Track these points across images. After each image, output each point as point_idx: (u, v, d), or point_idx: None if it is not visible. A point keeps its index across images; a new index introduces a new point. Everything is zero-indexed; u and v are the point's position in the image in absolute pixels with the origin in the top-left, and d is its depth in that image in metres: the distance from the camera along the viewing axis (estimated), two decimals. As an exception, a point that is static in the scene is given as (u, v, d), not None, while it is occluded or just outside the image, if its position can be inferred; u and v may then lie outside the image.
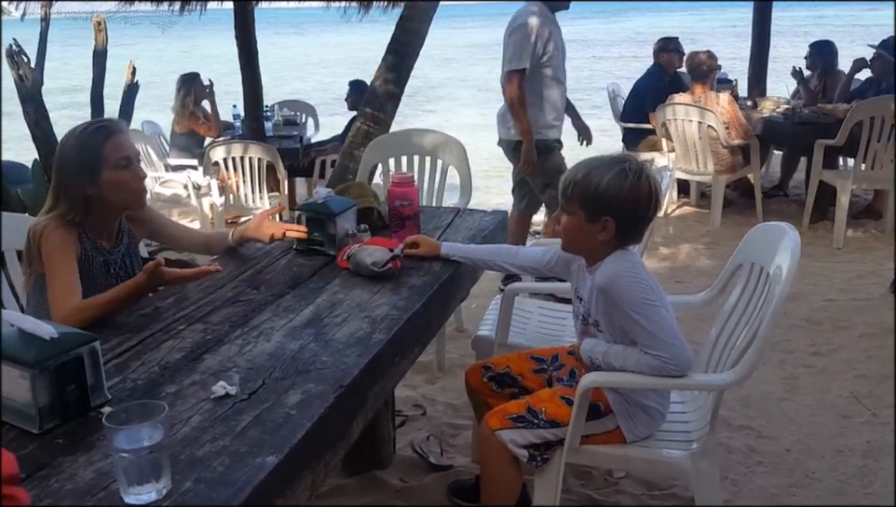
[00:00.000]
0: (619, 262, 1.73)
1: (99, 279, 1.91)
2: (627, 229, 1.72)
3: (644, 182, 1.68)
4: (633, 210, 1.70)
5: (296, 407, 1.32)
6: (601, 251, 1.75)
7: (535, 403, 1.81)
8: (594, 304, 1.79)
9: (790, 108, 5.24)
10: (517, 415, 1.80)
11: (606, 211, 1.69)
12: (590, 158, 1.74)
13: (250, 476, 1.12)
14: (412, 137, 3.53)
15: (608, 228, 1.70)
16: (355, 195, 2.37)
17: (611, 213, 1.69)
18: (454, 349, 3.34)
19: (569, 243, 1.81)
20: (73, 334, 1.31)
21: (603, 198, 1.68)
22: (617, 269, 1.72)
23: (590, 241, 1.74)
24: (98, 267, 1.92)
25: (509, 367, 2.03)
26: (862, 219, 5.12)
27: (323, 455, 1.33)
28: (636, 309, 1.67)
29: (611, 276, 1.71)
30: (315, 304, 1.81)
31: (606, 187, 1.67)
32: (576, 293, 1.90)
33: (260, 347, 1.58)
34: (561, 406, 1.79)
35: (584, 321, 1.85)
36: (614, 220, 1.69)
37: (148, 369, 1.49)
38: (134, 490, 1.05)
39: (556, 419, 1.78)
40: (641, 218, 1.72)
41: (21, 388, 1.23)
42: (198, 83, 5.62)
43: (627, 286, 1.69)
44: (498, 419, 1.80)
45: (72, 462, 1.16)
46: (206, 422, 1.28)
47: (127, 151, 1.88)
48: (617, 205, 1.68)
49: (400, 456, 2.50)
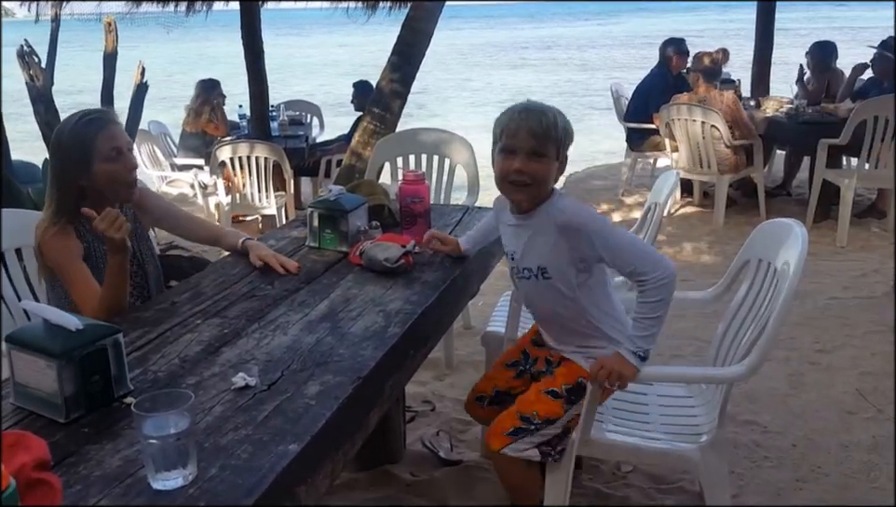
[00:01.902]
0: (565, 198, 1.77)
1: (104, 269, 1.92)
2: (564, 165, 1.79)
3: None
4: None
5: (315, 398, 1.35)
6: (547, 192, 1.76)
7: (524, 408, 1.81)
8: (540, 249, 1.76)
9: (793, 108, 5.26)
10: (513, 428, 1.79)
11: (565, 148, 1.74)
12: (523, 104, 1.75)
13: (273, 463, 1.15)
14: (419, 136, 3.56)
15: (563, 166, 1.75)
16: (366, 192, 2.40)
17: (566, 150, 1.74)
18: (462, 346, 3.37)
19: (538, 189, 1.74)
20: (97, 326, 1.34)
21: (565, 135, 1.72)
22: (573, 204, 1.75)
23: (549, 183, 1.75)
24: (102, 257, 1.92)
25: (497, 385, 2.04)
26: (866, 218, 5.14)
27: (342, 444, 1.36)
28: (612, 236, 1.69)
29: (571, 211, 1.72)
30: (329, 299, 1.84)
31: (565, 124, 1.72)
32: (509, 253, 1.87)
33: (277, 340, 1.60)
34: (549, 402, 1.80)
35: (524, 276, 1.82)
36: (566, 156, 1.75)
37: (168, 362, 1.52)
38: (161, 476, 1.08)
39: (550, 417, 1.79)
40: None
41: (48, 378, 1.25)
42: (218, 91, 5.66)
43: (591, 216, 1.73)
44: (498, 439, 1.80)
45: (98, 450, 1.19)
46: (228, 412, 1.30)
47: (117, 142, 1.90)
48: (568, 142, 1.74)
49: (410, 450, 2.53)
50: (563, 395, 1.81)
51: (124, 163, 1.90)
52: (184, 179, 5.57)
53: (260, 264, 2.02)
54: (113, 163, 1.88)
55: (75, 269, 1.81)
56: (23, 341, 1.28)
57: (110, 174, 1.88)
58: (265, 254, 2.03)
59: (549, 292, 1.80)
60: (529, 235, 1.78)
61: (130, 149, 1.97)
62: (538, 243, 1.76)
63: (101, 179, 1.88)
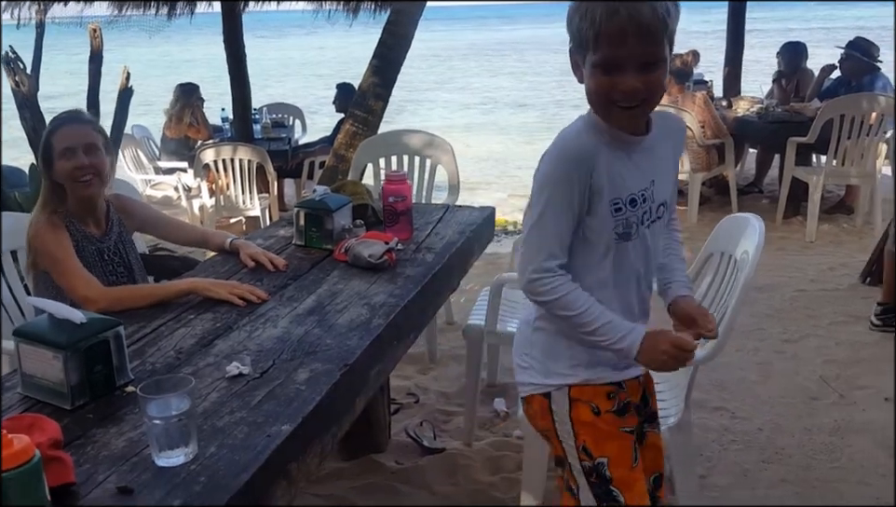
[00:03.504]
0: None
1: (94, 267, 2.02)
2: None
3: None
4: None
5: (305, 384, 1.45)
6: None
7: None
8: (670, 166, 1.42)
9: (763, 107, 5.42)
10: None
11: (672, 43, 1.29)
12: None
13: (267, 443, 1.25)
14: (401, 137, 3.66)
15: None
16: (350, 192, 2.49)
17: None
18: (444, 341, 3.47)
19: (656, 102, 1.32)
20: (99, 319, 1.42)
21: (678, 16, 1.27)
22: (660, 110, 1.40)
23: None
24: (91, 255, 2.03)
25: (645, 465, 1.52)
26: (834, 214, 5.32)
27: (331, 427, 1.45)
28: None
29: (671, 114, 1.49)
30: (316, 294, 1.93)
31: (675, 11, 1.26)
32: (635, 195, 1.34)
33: (267, 332, 1.69)
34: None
35: (656, 217, 1.38)
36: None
37: (164, 354, 1.60)
38: (165, 454, 1.17)
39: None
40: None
41: (54, 369, 1.34)
42: (197, 95, 5.72)
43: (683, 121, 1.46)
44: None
45: (104, 433, 1.28)
46: (223, 398, 1.40)
47: (70, 142, 1.98)
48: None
49: (395, 440, 2.62)
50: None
51: (73, 161, 1.98)
52: (168, 182, 5.62)
53: (252, 263, 2.10)
54: (64, 161, 1.98)
55: (70, 262, 1.90)
56: (30, 335, 1.36)
57: (63, 171, 1.99)
58: (255, 252, 2.12)
59: (657, 237, 1.43)
60: (656, 155, 1.37)
61: (90, 149, 2.00)
62: (667, 159, 1.41)
63: (59, 175, 1.99)
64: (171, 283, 1.92)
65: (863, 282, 3.95)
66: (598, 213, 1.32)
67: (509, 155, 9.49)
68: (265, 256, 2.12)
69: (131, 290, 1.92)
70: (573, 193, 1.29)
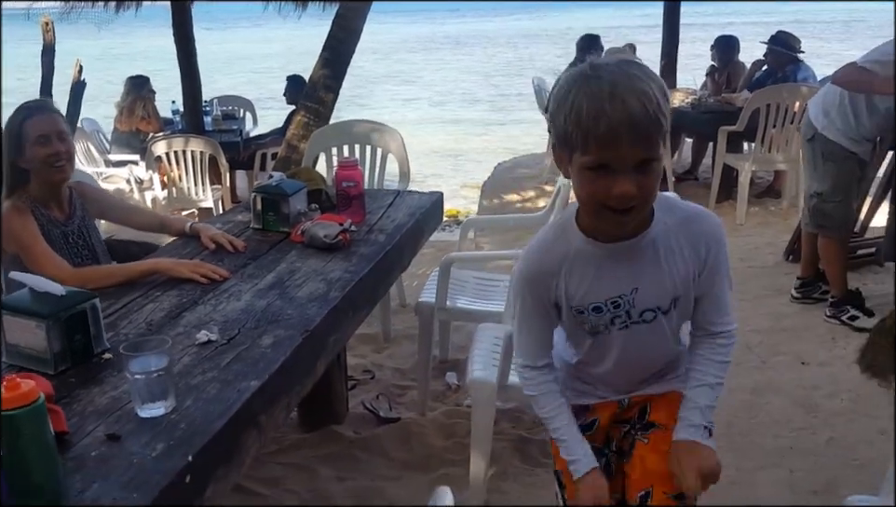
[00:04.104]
0: (672, 198, 1.35)
1: (60, 250, 2.12)
2: None
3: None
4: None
5: (270, 347, 1.59)
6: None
7: (668, 486, 1.39)
8: (673, 271, 1.29)
9: (697, 99, 5.72)
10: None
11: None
12: (608, 77, 1.12)
13: (238, 396, 1.39)
14: (352, 127, 3.80)
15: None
16: (304, 178, 2.63)
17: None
18: (398, 322, 3.63)
19: (649, 204, 1.22)
20: (77, 292, 1.55)
21: (669, 110, 1.16)
22: (692, 206, 1.33)
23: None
24: (57, 238, 2.13)
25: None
26: (763, 198, 5.66)
27: (294, 385, 1.61)
28: (726, 252, 1.33)
29: (694, 210, 1.32)
30: (276, 271, 2.07)
31: (665, 93, 1.16)
32: (600, 299, 1.31)
33: (232, 305, 1.83)
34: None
35: (640, 320, 1.32)
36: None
37: (136, 326, 1.73)
38: (147, 407, 1.31)
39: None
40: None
41: (38, 337, 1.46)
42: (148, 88, 5.73)
43: (716, 217, 1.33)
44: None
45: (87, 393, 1.41)
46: (195, 361, 1.53)
47: (44, 130, 2.08)
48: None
49: (352, 413, 2.78)
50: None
51: (48, 148, 2.08)
52: (120, 175, 5.61)
53: (212, 245, 2.22)
54: (39, 148, 2.08)
55: (38, 245, 1.99)
56: (14, 306, 1.48)
57: (37, 158, 2.08)
58: (215, 234, 2.25)
59: (670, 327, 1.35)
60: (646, 261, 1.28)
61: (62, 137, 2.12)
62: (669, 264, 1.29)
63: (31, 162, 2.09)
64: (136, 263, 2.03)
65: (787, 260, 4.25)
66: (563, 314, 1.36)
67: (460, 148, 9.67)
68: (225, 238, 2.25)
69: (98, 270, 2.03)
70: (538, 305, 1.35)
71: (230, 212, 2.86)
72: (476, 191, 6.82)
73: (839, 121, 3.19)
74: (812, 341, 3.29)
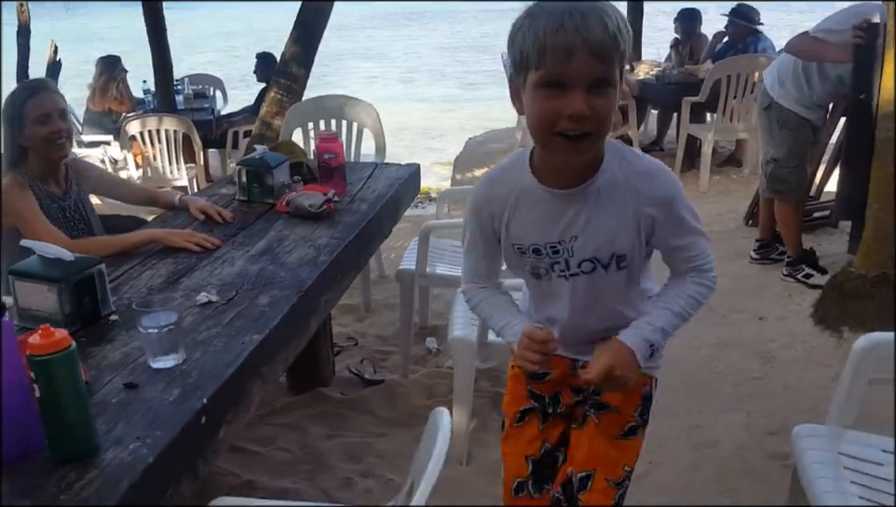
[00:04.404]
0: (631, 151, 1.29)
1: (58, 224, 2.19)
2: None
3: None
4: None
5: (268, 306, 1.71)
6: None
7: (611, 471, 1.39)
8: (613, 228, 1.26)
9: (661, 70, 5.88)
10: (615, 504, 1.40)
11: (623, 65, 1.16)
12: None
13: (242, 348, 1.51)
14: (327, 102, 3.89)
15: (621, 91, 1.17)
16: (286, 151, 2.72)
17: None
18: (378, 292, 3.76)
19: (602, 137, 1.18)
20: (84, 258, 1.64)
21: (630, 41, 1.15)
22: (640, 155, 1.29)
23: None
24: (54, 212, 2.20)
25: (529, 452, 1.47)
26: (725, 167, 5.87)
27: (291, 341, 1.73)
28: (686, 205, 1.28)
29: (652, 167, 1.26)
30: (266, 239, 2.18)
31: (627, 23, 1.14)
32: (540, 242, 1.29)
33: (227, 270, 1.94)
34: (633, 444, 1.42)
35: (578, 271, 1.30)
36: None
37: (137, 291, 1.83)
38: (159, 359, 1.42)
39: (636, 458, 1.44)
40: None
41: (50, 300, 1.56)
42: (120, 68, 5.72)
43: (673, 177, 1.28)
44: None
45: (101, 350, 1.52)
46: (198, 320, 1.65)
47: (44, 108, 2.14)
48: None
49: (339, 376, 2.91)
50: (640, 424, 1.42)
51: (49, 127, 2.15)
52: (94, 155, 5.59)
53: (201, 216, 2.32)
54: (39, 126, 2.14)
55: (37, 218, 2.07)
56: (26, 272, 1.57)
57: (38, 136, 2.15)
58: (203, 206, 2.34)
59: (612, 284, 1.31)
60: (589, 210, 1.25)
61: (62, 115, 2.19)
62: (609, 219, 1.25)
63: (31, 139, 2.15)
64: (132, 234, 2.12)
65: (746, 224, 4.46)
66: (506, 249, 1.35)
67: (430, 125, 9.74)
68: (213, 209, 2.34)
69: (95, 241, 2.11)
70: (481, 232, 1.35)
71: (215, 185, 2.95)
72: (448, 168, 6.92)
73: (793, 89, 3.37)
74: (770, 299, 3.49)
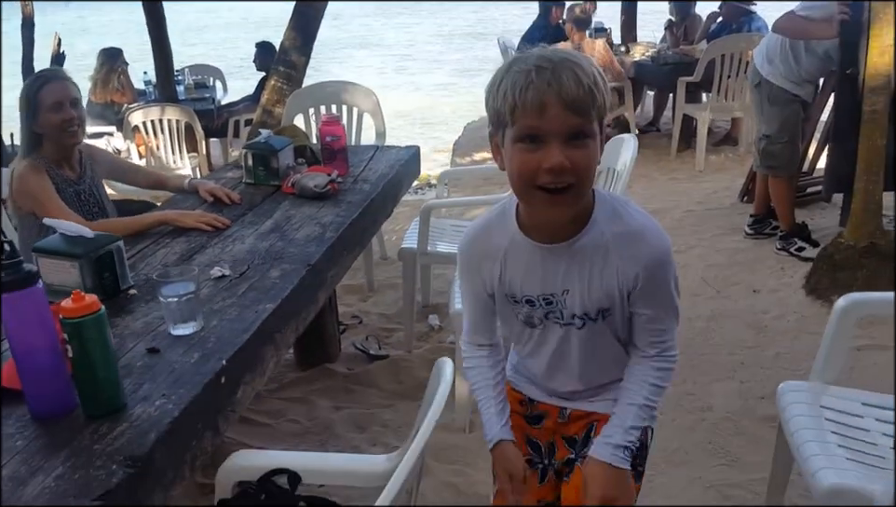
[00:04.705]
0: (624, 206, 1.25)
1: (73, 207, 2.27)
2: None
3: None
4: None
5: (279, 279, 1.80)
6: (590, 192, 1.21)
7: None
8: (600, 283, 1.22)
9: (656, 51, 5.94)
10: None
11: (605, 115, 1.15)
12: (538, 54, 1.12)
13: (256, 316, 1.61)
14: (326, 88, 3.96)
15: (603, 145, 1.18)
16: (289, 135, 2.80)
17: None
18: (380, 273, 3.85)
19: (584, 189, 1.17)
20: (103, 235, 1.73)
21: (608, 95, 1.15)
22: (642, 219, 1.23)
23: (594, 176, 1.19)
24: (70, 196, 2.29)
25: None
26: (721, 146, 5.94)
27: (301, 311, 1.82)
28: (672, 274, 1.27)
29: (650, 237, 1.22)
30: (273, 218, 2.27)
31: (605, 79, 1.14)
32: (533, 293, 1.27)
33: (238, 247, 2.03)
34: (629, 489, 1.32)
35: (569, 323, 1.28)
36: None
37: (153, 267, 1.92)
38: (179, 326, 1.51)
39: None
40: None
41: (72, 275, 1.64)
42: (121, 59, 5.78)
43: (667, 240, 1.25)
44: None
45: (122, 320, 1.61)
46: (213, 292, 1.74)
47: (57, 97, 2.22)
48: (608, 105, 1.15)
49: (344, 353, 3.01)
50: (635, 475, 1.34)
51: (62, 114, 2.23)
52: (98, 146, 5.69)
53: (210, 198, 2.40)
54: (52, 114, 2.22)
55: (53, 201, 2.15)
56: (49, 249, 1.66)
57: (51, 123, 2.23)
58: (212, 188, 2.43)
59: (600, 338, 1.29)
60: (578, 266, 1.23)
61: (75, 104, 2.26)
62: (596, 274, 1.22)
63: (45, 126, 2.23)
64: (145, 215, 2.21)
65: (741, 201, 4.54)
66: (499, 299, 1.31)
67: (427, 113, 9.78)
68: (222, 191, 2.43)
69: (110, 223, 2.20)
70: (473, 287, 1.32)
71: (221, 169, 3.03)
72: (447, 155, 6.99)
73: (782, 66, 3.44)
74: (763, 272, 3.58)
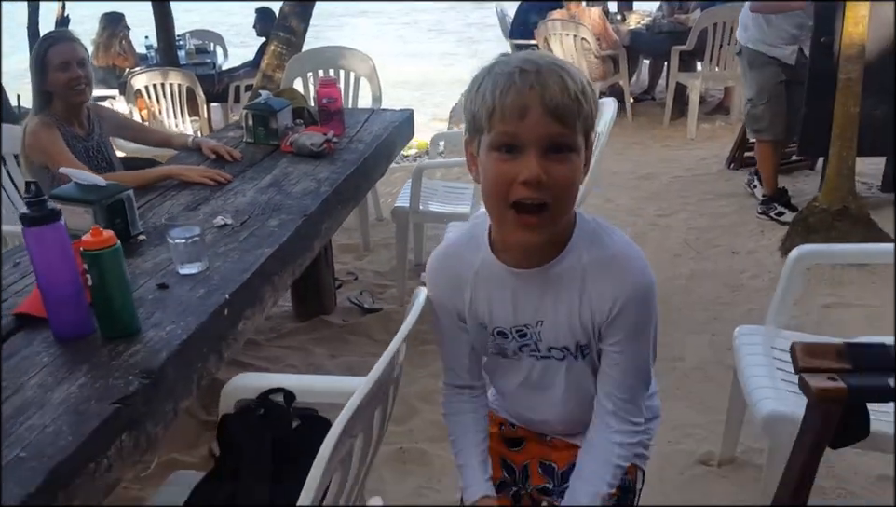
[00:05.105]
0: (608, 231, 1.15)
1: (82, 162, 2.40)
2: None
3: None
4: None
5: (277, 227, 1.95)
6: (571, 213, 1.11)
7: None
8: (576, 316, 1.13)
9: (651, 20, 6.02)
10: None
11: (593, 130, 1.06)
12: (522, 57, 1.01)
13: (256, 258, 1.75)
14: (325, 53, 4.06)
15: (588, 163, 1.07)
16: (288, 97, 2.92)
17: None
18: (375, 233, 3.99)
19: (564, 209, 1.06)
20: (115, 185, 1.87)
21: (596, 108, 1.05)
22: (625, 247, 1.13)
23: (576, 196, 1.07)
24: (79, 152, 2.42)
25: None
26: (715, 115, 6.04)
27: (297, 258, 1.97)
28: (651, 311, 1.14)
29: (631, 267, 1.12)
30: (272, 174, 2.40)
31: (593, 90, 1.04)
32: (506, 326, 1.19)
33: (239, 199, 2.17)
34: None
35: (546, 356, 1.19)
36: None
37: (160, 217, 2.06)
38: (186, 266, 1.66)
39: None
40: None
41: (86, 221, 1.78)
42: (123, 24, 5.86)
43: (647, 274, 1.13)
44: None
45: (133, 261, 1.75)
46: (216, 238, 1.88)
47: (64, 57, 2.34)
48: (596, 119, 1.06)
49: (340, 306, 3.16)
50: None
51: (69, 73, 2.35)
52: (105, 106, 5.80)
53: (213, 155, 2.54)
54: (60, 73, 2.35)
55: (64, 155, 2.29)
56: (65, 196, 1.80)
57: (58, 82, 2.35)
58: (215, 146, 2.56)
59: (577, 373, 1.21)
60: (554, 294, 1.13)
61: (82, 63, 2.39)
62: (572, 304, 1.13)
63: (53, 85, 2.36)
64: (151, 170, 2.35)
65: (728, 167, 4.67)
66: (471, 328, 1.22)
67: (427, 81, 9.84)
68: (224, 149, 2.56)
69: (118, 176, 2.33)
70: (448, 319, 1.23)
71: (223, 130, 3.16)
72: (446, 123, 7.09)
73: (755, 31, 3.62)
74: (744, 235, 3.72)
